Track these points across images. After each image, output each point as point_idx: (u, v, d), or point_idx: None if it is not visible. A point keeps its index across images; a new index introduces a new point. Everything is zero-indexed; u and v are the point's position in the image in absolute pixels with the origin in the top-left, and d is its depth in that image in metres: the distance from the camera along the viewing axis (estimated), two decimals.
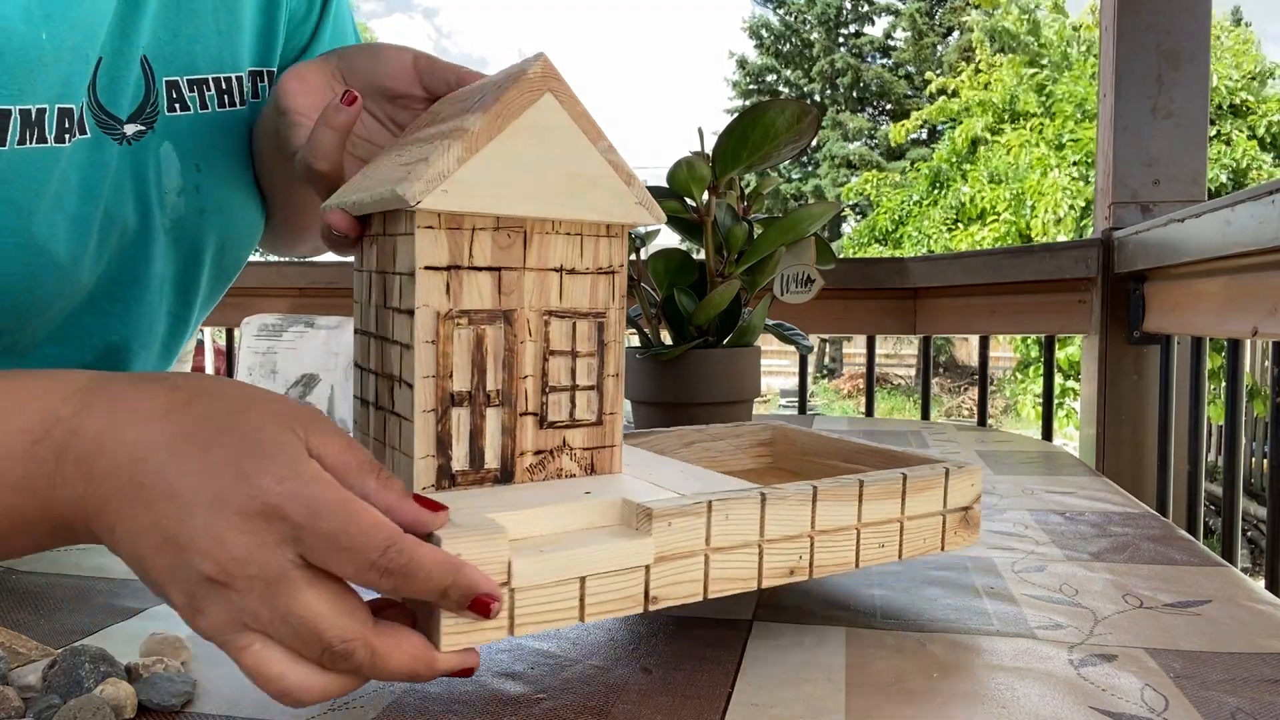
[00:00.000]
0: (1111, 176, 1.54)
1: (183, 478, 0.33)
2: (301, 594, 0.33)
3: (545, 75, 0.42)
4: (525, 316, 0.44)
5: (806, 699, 0.40)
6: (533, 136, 0.42)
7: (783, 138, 0.74)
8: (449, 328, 0.42)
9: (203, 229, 0.65)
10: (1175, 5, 1.51)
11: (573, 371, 0.45)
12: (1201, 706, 0.40)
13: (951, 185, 10.33)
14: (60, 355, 0.60)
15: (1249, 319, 1.13)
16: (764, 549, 0.43)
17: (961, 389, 13.58)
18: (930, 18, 20.04)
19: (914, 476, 0.49)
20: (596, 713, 0.39)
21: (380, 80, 0.56)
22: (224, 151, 0.65)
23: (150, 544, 0.33)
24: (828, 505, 0.45)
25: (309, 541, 0.33)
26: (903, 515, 0.48)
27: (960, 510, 0.51)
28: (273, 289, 2.03)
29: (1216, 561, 0.61)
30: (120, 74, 0.57)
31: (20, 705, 0.37)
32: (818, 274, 0.83)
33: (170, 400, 0.35)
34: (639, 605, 0.40)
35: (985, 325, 1.77)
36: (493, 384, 0.43)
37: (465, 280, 0.42)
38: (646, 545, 0.40)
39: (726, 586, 0.42)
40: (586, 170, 0.43)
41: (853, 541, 0.47)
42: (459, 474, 0.43)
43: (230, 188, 0.66)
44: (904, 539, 0.49)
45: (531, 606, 0.37)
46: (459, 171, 0.40)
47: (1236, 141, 8.76)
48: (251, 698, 0.40)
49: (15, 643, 0.42)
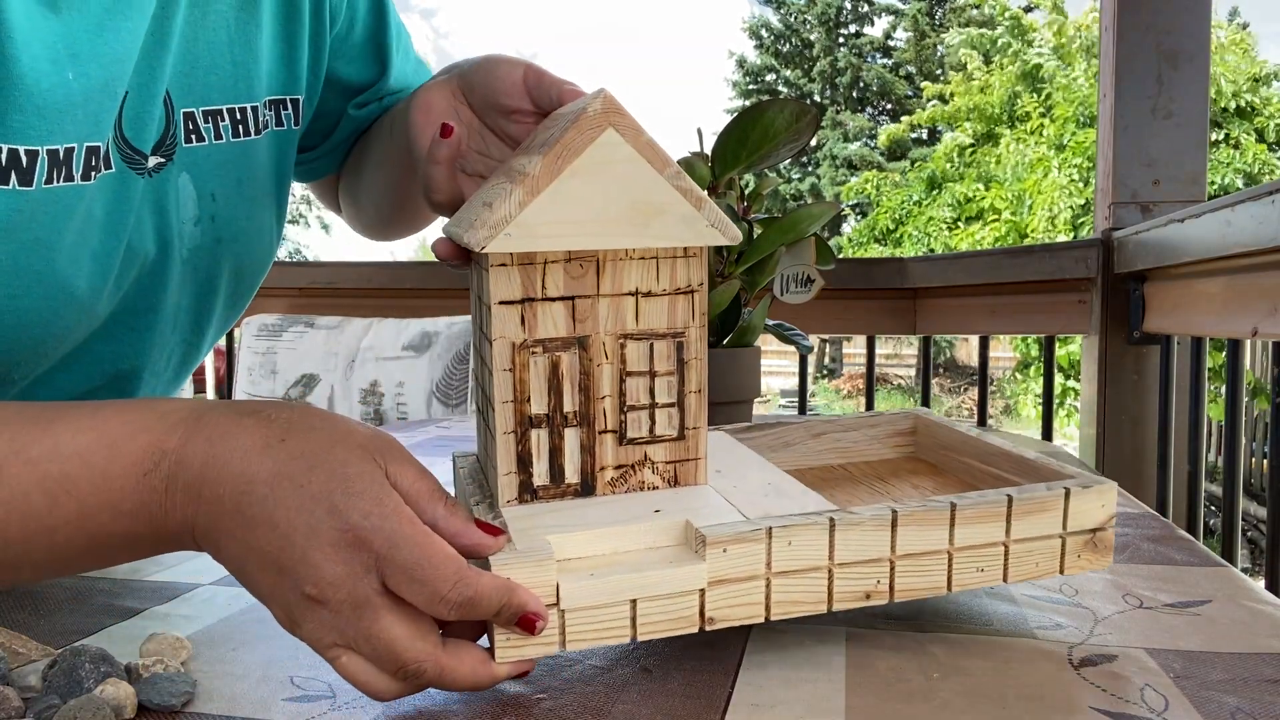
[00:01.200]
0: (1111, 176, 1.54)
1: (282, 510, 0.37)
2: (382, 618, 0.37)
3: (606, 111, 0.43)
4: (601, 340, 0.46)
5: (806, 699, 0.40)
6: (594, 172, 0.43)
7: (782, 137, 0.74)
8: (524, 356, 0.45)
9: (218, 258, 0.65)
10: (1175, 5, 1.51)
11: (651, 390, 0.47)
12: (1201, 706, 0.40)
13: (949, 186, 10.33)
14: (70, 382, 0.60)
15: (1249, 319, 1.13)
16: (834, 573, 0.44)
17: (961, 389, 13.58)
18: (931, 18, 20.05)
19: (1022, 498, 0.46)
20: (596, 713, 0.39)
21: (494, 97, 0.58)
22: (238, 181, 0.65)
23: (254, 564, 0.38)
24: (911, 530, 0.44)
25: (388, 570, 0.37)
26: (1008, 538, 0.46)
27: (1086, 533, 0.48)
28: (273, 289, 2.03)
29: (1216, 561, 0.61)
30: (145, 109, 0.56)
31: (20, 705, 0.37)
32: (818, 274, 0.83)
33: (266, 436, 0.39)
34: (694, 626, 0.42)
35: (985, 325, 1.77)
36: (570, 406, 0.46)
37: (540, 311, 0.45)
38: (700, 571, 0.41)
39: (792, 609, 0.43)
40: (652, 198, 0.44)
41: (944, 565, 0.45)
42: (540, 489, 0.46)
43: (245, 217, 0.66)
44: (1009, 563, 0.46)
45: (582, 625, 0.40)
46: (520, 215, 0.42)
47: (1246, 145, 8.76)
48: (251, 698, 0.40)
49: (15, 643, 0.42)
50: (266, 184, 0.69)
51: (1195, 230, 1.20)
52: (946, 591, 0.46)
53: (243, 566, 0.39)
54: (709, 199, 0.45)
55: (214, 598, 0.53)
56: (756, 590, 0.43)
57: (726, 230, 0.46)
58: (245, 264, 0.68)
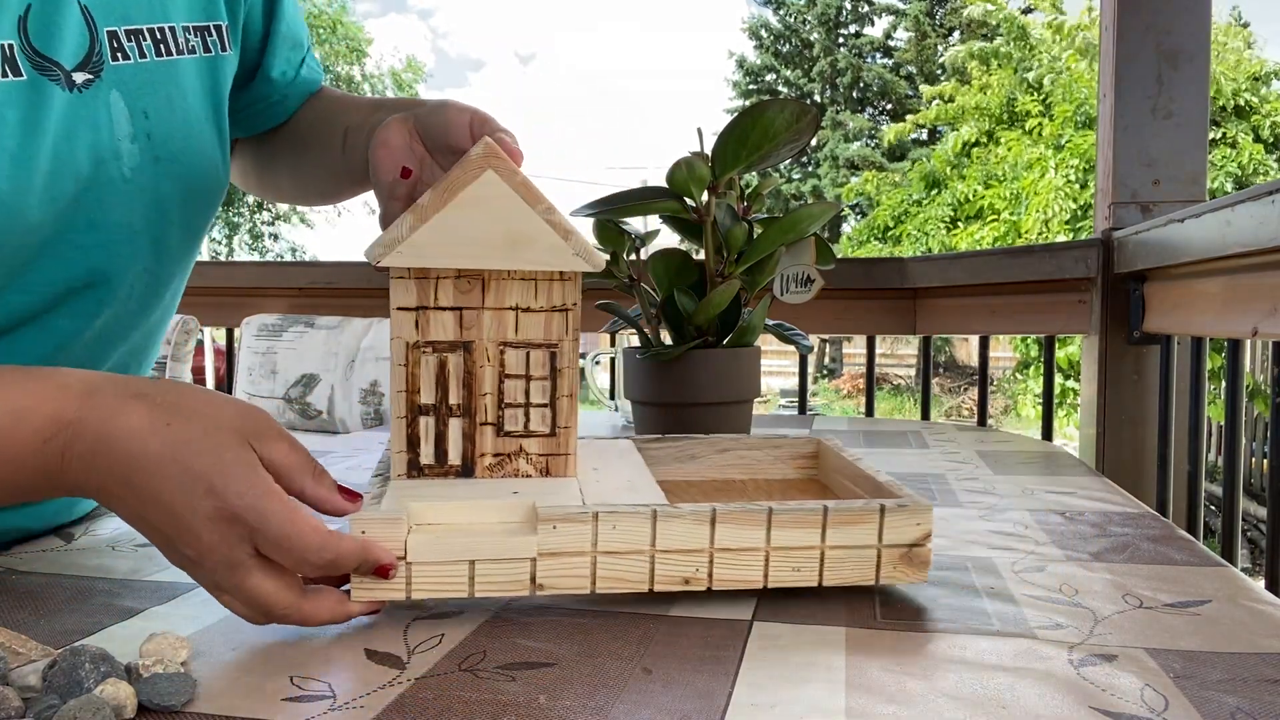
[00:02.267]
0: (1111, 176, 1.54)
1: (167, 489, 0.44)
2: (252, 576, 0.44)
3: (486, 155, 0.52)
4: (484, 346, 0.54)
5: (806, 699, 0.40)
6: (475, 205, 0.51)
7: (782, 137, 0.74)
8: (416, 355, 0.54)
9: (160, 178, 0.67)
10: (1175, 5, 1.51)
11: (527, 391, 0.55)
12: (1201, 706, 0.40)
13: (949, 186, 10.33)
14: (25, 303, 0.61)
15: (1249, 319, 1.13)
16: (656, 558, 0.50)
17: (961, 389, 13.58)
18: (931, 18, 20.04)
19: (836, 509, 0.51)
20: (596, 712, 0.39)
21: (444, 138, 0.64)
22: (168, 99, 0.68)
23: (144, 526, 0.45)
24: (729, 528, 0.50)
25: (259, 540, 0.44)
26: (824, 544, 0.51)
27: (902, 547, 0.52)
28: (273, 289, 2.03)
29: (1216, 561, 0.61)
30: (53, 19, 0.59)
31: (20, 705, 0.37)
32: (818, 274, 0.83)
33: (153, 420, 0.45)
34: (526, 590, 0.49)
35: (985, 325, 1.77)
36: (454, 399, 0.54)
37: (432, 318, 0.53)
38: (531, 542, 0.48)
39: (616, 585, 0.50)
40: (524, 229, 0.52)
41: (761, 562, 0.51)
42: (426, 467, 0.55)
43: (181, 136, 0.69)
44: (825, 566, 0.52)
45: (426, 578, 0.48)
46: (411, 236, 0.51)
47: (1243, 145, 8.74)
48: (251, 698, 0.40)
49: (15, 643, 0.42)
50: (200, 108, 0.71)
51: (1195, 230, 1.20)
52: (763, 586, 0.51)
53: (135, 524, 0.46)
54: (576, 231, 0.52)
55: (214, 598, 0.53)
56: (583, 565, 0.49)
57: (591, 258, 0.53)
58: (192, 187, 0.70)
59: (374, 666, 0.43)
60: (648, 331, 0.86)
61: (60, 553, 0.64)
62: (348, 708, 0.39)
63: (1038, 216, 8.76)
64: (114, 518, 0.74)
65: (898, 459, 1.03)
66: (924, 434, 1.23)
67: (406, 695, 0.40)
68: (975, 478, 0.91)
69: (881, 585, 0.54)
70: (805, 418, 1.47)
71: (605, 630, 0.48)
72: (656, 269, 0.83)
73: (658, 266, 0.83)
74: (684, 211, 0.79)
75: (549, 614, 0.51)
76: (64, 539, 0.67)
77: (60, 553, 0.64)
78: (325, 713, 0.39)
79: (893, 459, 1.03)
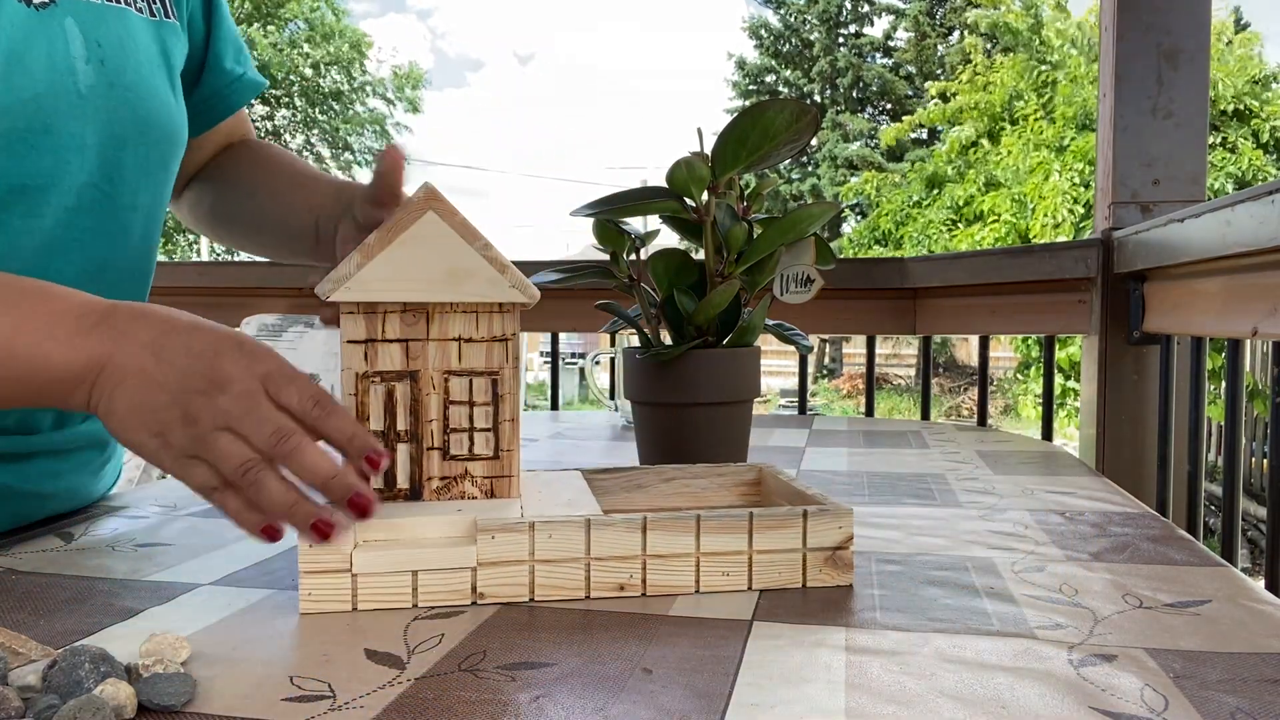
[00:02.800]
0: (1111, 176, 1.54)
1: (199, 323, 0.53)
2: (263, 404, 0.50)
3: (427, 198, 0.56)
4: (429, 375, 0.57)
5: (806, 699, 0.40)
6: (417, 244, 0.55)
7: (781, 137, 0.74)
8: (365, 384, 0.57)
9: (116, 105, 0.71)
10: (1175, 5, 1.51)
11: (471, 417, 0.58)
12: (1201, 706, 0.40)
13: (948, 188, 10.32)
14: None
15: (1249, 319, 1.13)
16: (591, 565, 0.53)
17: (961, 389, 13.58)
18: (931, 18, 20.04)
19: (761, 515, 0.54)
20: (596, 712, 0.39)
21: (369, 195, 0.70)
22: (120, 41, 0.71)
23: (155, 364, 0.51)
24: (660, 534, 0.53)
25: (270, 380, 0.50)
26: (751, 549, 0.54)
27: (826, 550, 0.55)
28: (273, 289, 2.03)
29: (1216, 561, 0.61)
30: None
31: (20, 705, 0.37)
32: (817, 274, 0.83)
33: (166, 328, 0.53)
34: (468, 599, 0.52)
35: (985, 325, 1.77)
36: (402, 425, 0.57)
37: (380, 350, 0.57)
38: (471, 553, 0.52)
39: (553, 593, 0.53)
40: (464, 265, 0.56)
41: (692, 567, 0.54)
42: (376, 491, 0.55)
43: (133, 70, 0.72)
44: (754, 570, 0.55)
45: (371, 590, 0.51)
46: (358, 274, 0.55)
47: (1242, 149, 8.73)
48: (251, 698, 0.40)
49: (15, 643, 0.42)
50: (152, 59, 0.75)
51: (1195, 230, 1.20)
52: (695, 590, 0.54)
53: (142, 367, 0.51)
54: (511, 266, 0.56)
55: (214, 598, 0.53)
56: (521, 574, 0.52)
57: (525, 291, 0.57)
58: (148, 120, 0.74)
59: (374, 666, 0.43)
60: (648, 331, 0.86)
61: (60, 553, 0.64)
62: (348, 708, 0.39)
63: (1046, 221, 8.75)
64: (114, 517, 0.74)
65: (898, 459, 1.03)
66: (924, 434, 1.23)
67: (406, 695, 0.40)
68: (975, 478, 0.91)
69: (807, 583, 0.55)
70: (805, 418, 1.47)
71: (605, 630, 0.48)
72: (656, 269, 0.83)
73: (658, 266, 0.83)
74: (684, 211, 0.79)
75: (549, 614, 0.51)
76: (64, 539, 0.67)
77: (60, 553, 0.64)
78: (325, 713, 0.39)
79: (893, 459, 1.03)
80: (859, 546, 0.65)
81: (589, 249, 1.65)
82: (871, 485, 0.88)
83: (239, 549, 0.64)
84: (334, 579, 0.51)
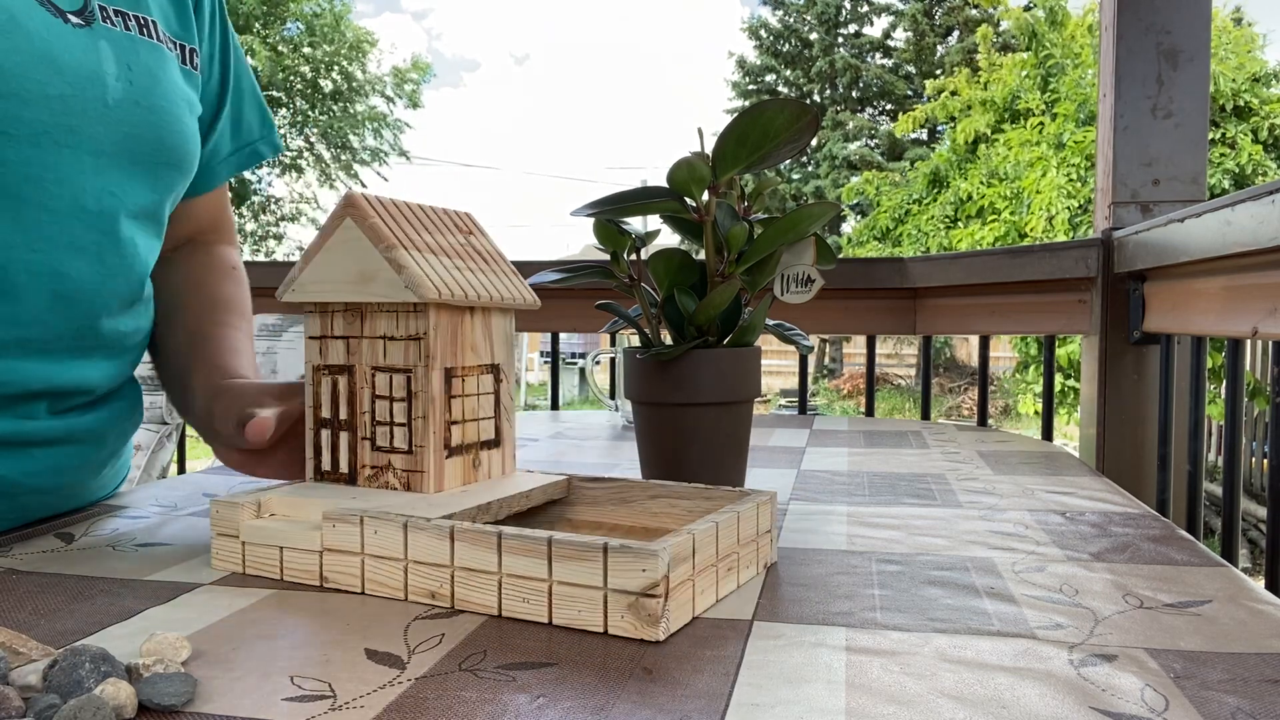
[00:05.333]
0: (1111, 176, 1.54)
1: None
2: None
3: (346, 206, 0.60)
4: (363, 369, 0.62)
5: (806, 699, 0.40)
6: (337, 249, 0.61)
7: (782, 137, 0.74)
8: (318, 376, 0.63)
9: (140, 124, 0.73)
10: (1175, 5, 1.51)
11: (391, 411, 0.61)
12: (1201, 706, 0.40)
13: (951, 184, 10.31)
14: None
15: (1249, 319, 1.13)
16: (410, 568, 0.52)
17: (961, 389, 13.58)
18: (930, 18, 20.03)
19: (560, 541, 0.48)
20: (596, 712, 0.39)
21: None
22: (149, 70, 0.75)
23: None
24: (465, 546, 0.51)
25: None
26: (550, 578, 0.48)
27: (629, 595, 0.47)
28: (273, 289, 2.03)
29: (1216, 561, 0.61)
30: None
31: (21, 705, 0.37)
32: (818, 274, 0.83)
33: None
34: (316, 581, 0.55)
35: (985, 325, 1.77)
36: (343, 414, 0.63)
37: (330, 345, 0.63)
38: (316, 537, 0.55)
39: (379, 589, 0.53)
40: (370, 267, 0.59)
41: (495, 587, 0.50)
42: (324, 473, 0.63)
43: (162, 97, 0.75)
44: (553, 602, 0.48)
45: (254, 557, 0.57)
46: (299, 277, 0.62)
47: (1241, 145, 8.72)
48: (251, 698, 0.40)
49: (16, 642, 0.42)
50: (178, 90, 0.78)
51: (1195, 230, 1.20)
52: (497, 614, 0.50)
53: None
54: (410, 266, 0.58)
55: (214, 598, 0.53)
56: (355, 565, 0.54)
57: (418, 290, 0.58)
58: (167, 144, 0.76)
59: (374, 666, 0.43)
60: (648, 331, 0.86)
61: (60, 553, 0.64)
62: (348, 708, 0.39)
63: (1041, 214, 8.75)
64: (114, 518, 0.74)
65: (898, 459, 1.03)
66: (924, 434, 1.23)
67: (406, 695, 0.40)
68: (975, 478, 0.91)
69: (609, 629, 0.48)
70: (805, 417, 1.47)
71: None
72: (656, 269, 0.83)
73: (658, 266, 0.83)
74: (684, 211, 0.79)
75: None
76: (64, 539, 0.67)
77: (60, 553, 0.64)
78: (325, 713, 0.39)
79: (893, 459, 1.03)
80: (860, 546, 0.65)
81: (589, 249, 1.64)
82: (871, 485, 0.88)
83: None
84: (230, 543, 0.58)
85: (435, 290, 0.58)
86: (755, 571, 0.58)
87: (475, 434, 0.63)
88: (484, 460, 0.64)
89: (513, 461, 0.67)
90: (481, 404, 0.64)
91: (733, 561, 0.55)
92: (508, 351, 0.67)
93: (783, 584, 0.57)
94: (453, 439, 0.61)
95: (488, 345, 0.64)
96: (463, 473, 0.62)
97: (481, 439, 0.64)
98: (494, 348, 0.65)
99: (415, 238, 0.61)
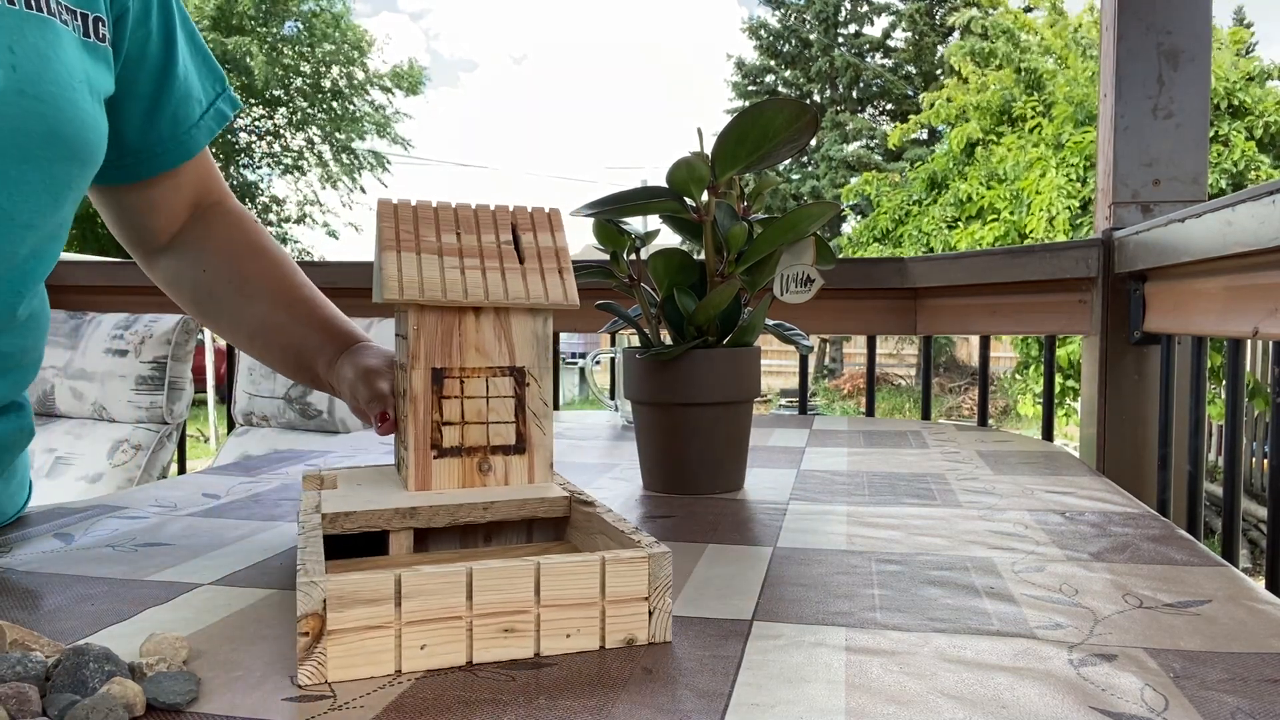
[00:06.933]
0: (1112, 176, 1.54)
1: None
2: None
3: (380, 215, 0.62)
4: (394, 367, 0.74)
5: (806, 699, 0.40)
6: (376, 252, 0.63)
7: (781, 137, 0.74)
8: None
9: (25, 111, 0.66)
10: (1175, 5, 1.51)
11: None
12: (1201, 706, 0.40)
13: (950, 185, 10.31)
14: None
15: (1249, 319, 1.13)
16: None
17: (961, 389, 13.58)
18: (930, 18, 20.03)
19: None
20: (596, 712, 0.39)
21: None
22: (38, 50, 0.67)
23: None
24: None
25: None
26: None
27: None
28: None
29: (1217, 561, 0.61)
30: None
31: (39, 703, 0.37)
32: (817, 274, 0.83)
33: None
34: None
35: (985, 325, 1.77)
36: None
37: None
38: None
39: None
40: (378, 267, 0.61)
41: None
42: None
43: (51, 82, 0.67)
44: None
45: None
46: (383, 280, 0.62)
47: (1235, 143, 8.71)
48: (251, 698, 0.40)
49: (28, 639, 0.42)
50: (75, 75, 0.70)
51: (1196, 230, 1.20)
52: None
53: None
54: (389, 265, 0.59)
55: (214, 598, 0.53)
56: None
57: (384, 288, 0.59)
58: (60, 134, 0.68)
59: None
60: (648, 331, 0.86)
61: (60, 553, 0.64)
62: (348, 708, 0.39)
63: (1041, 215, 8.75)
64: (114, 518, 0.74)
65: (898, 459, 1.03)
66: (924, 434, 1.23)
67: (406, 695, 0.40)
68: (975, 478, 0.91)
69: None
70: (805, 417, 1.47)
71: None
72: (656, 269, 0.83)
73: (658, 266, 0.83)
74: (684, 211, 0.79)
75: None
76: (64, 539, 0.68)
77: (60, 553, 0.64)
78: (325, 713, 0.39)
79: (893, 459, 1.03)
80: (860, 546, 0.65)
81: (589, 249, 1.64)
82: (871, 485, 0.88)
83: (239, 549, 0.64)
84: None
85: (399, 289, 0.58)
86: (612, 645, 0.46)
87: (482, 437, 0.61)
88: (498, 466, 0.61)
89: (546, 470, 0.62)
90: (493, 407, 0.61)
91: (527, 622, 0.45)
92: (535, 354, 0.62)
93: (783, 584, 0.57)
94: (444, 440, 0.60)
95: (502, 347, 0.61)
96: (462, 476, 0.60)
97: (493, 443, 0.61)
98: (513, 349, 0.61)
99: (426, 239, 0.60)
